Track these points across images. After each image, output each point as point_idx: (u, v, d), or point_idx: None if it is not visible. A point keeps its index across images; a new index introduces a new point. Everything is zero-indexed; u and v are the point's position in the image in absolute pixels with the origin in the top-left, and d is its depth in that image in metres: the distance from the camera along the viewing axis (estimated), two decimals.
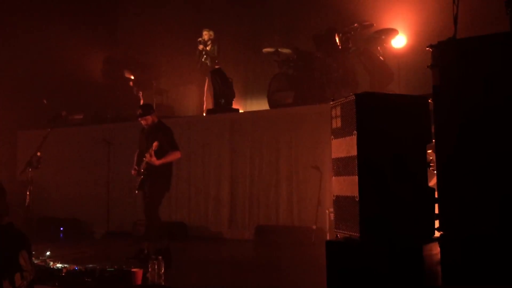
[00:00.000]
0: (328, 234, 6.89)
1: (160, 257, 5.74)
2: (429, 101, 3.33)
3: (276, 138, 8.15)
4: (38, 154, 6.49)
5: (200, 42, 10.19)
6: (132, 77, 10.53)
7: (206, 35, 10.23)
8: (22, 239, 3.11)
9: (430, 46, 3.04)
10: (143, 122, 6.35)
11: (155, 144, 6.04)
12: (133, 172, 6.36)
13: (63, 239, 8.81)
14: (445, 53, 2.99)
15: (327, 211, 7.01)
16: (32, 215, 6.75)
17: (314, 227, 7.28)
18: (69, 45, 10.50)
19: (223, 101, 9.02)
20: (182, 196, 8.87)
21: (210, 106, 9.62)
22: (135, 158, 6.45)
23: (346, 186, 3.37)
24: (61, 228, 9.10)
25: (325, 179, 7.28)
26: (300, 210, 7.80)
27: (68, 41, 10.45)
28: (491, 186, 2.93)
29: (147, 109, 6.43)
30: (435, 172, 3.22)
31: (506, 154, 2.85)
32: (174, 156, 6.24)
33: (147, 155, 6.08)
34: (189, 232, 8.56)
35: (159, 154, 6.08)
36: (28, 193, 6.42)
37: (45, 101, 10.19)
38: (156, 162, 6.04)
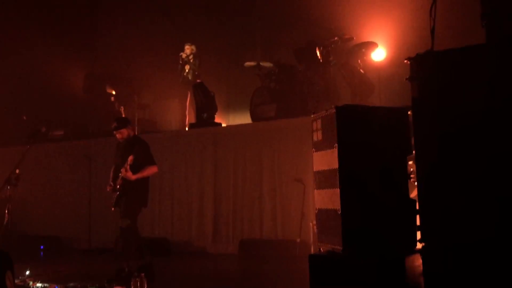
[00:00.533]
0: (312, 247, 6.87)
1: (142, 274, 5.66)
2: (409, 112, 3.36)
3: (259, 151, 8.15)
4: (17, 171, 6.38)
5: (181, 57, 10.19)
6: (114, 92, 10.47)
7: (188, 49, 10.24)
8: (6, 259, 2.91)
9: (408, 58, 3.08)
10: (118, 136, 6.16)
11: (130, 158, 5.85)
12: (108, 188, 6.16)
13: (44, 257, 8.64)
14: (423, 65, 3.02)
15: (311, 223, 6.99)
16: (11, 233, 6.61)
17: (298, 240, 7.26)
18: (49, 61, 10.43)
19: (205, 115, 9.01)
20: (165, 211, 8.80)
21: (193, 120, 9.61)
22: (111, 174, 6.27)
23: (328, 199, 3.37)
24: (41, 246, 8.93)
25: (309, 191, 7.28)
26: (284, 223, 7.79)
27: (48, 57, 10.38)
28: (471, 196, 2.95)
29: (122, 122, 6.26)
30: (415, 183, 3.24)
31: (485, 164, 2.88)
32: (150, 171, 6.06)
33: (123, 170, 5.88)
34: (173, 248, 8.46)
35: (135, 168, 5.90)
36: (6, 211, 6.30)
37: (24, 118, 10.07)
38: (132, 177, 5.86)
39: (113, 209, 6.12)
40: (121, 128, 6.14)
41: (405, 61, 3.08)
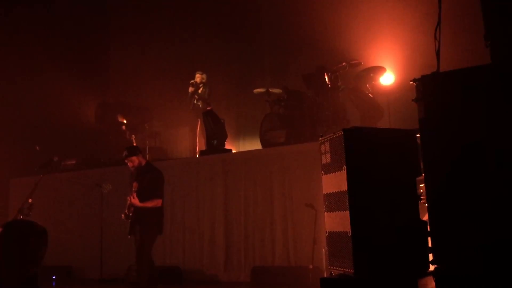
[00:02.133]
0: (325, 273, 6.78)
1: None
2: (418, 135, 3.35)
3: (270, 177, 8.13)
4: (30, 201, 6.44)
5: (192, 85, 10.27)
6: (125, 121, 10.59)
7: (198, 77, 10.33)
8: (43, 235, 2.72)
9: (414, 80, 3.10)
10: (129, 164, 6.30)
11: (134, 184, 6.01)
12: (122, 216, 6.26)
13: None
14: (428, 86, 3.03)
15: (323, 249, 6.92)
16: None
17: (311, 266, 7.18)
18: (61, 90, 10.61)
19: (215, 142, 9.05)
20: (177, 239, 8.77)
21: (203, 148, 9.66)
22: (127, 202, 6.37)
23: (338, 221, 3.35)
24: (54, 277, 8.91)
25: (320, 216, 7.22)
26: (296, 249, 7.71)
27: (60, 86, 10.56)
28: (482, 217, 2.92)
29: (132, 150, 6.41)
30: (426, 205, 3.21)
31: (493, 183, 2.86)
32: (154, 203, 6.11)
33: (130, 197, 6.02)
34: (185, 276, 8.40)
35: (143, 196, 6.03)
36: None
37: (37, 148, 10.18)
38: (138, 204, 5.97)
39: (129, 237, 6.19)
40: (131, 155, 6.29)
41: (411, 82, 3.10)
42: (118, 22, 13.34)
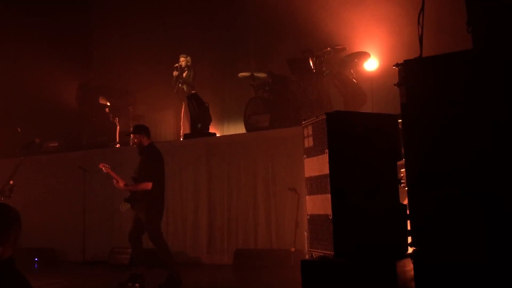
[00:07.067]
0: (307, 256, 6.85)
1: (137, 285, 5.67)
2: (399, 120, 3.39)
3: (253, 161, 8.16)
4: (11, 182, 6.38)
5: (176, 68, 10.20)
6: (108, 104, 10.47)
7: (183, 61, 10.25)
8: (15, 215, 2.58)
9: (396, 64, 3.12)
10: (135, 140, 6.41)
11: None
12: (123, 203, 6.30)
13: (38, 269, 8.59)
14: (411, 71, 3.06)
15: (305, 233, 6.97)
16: None
17: (292, 249, 7.25)
18: (43, 72, 10.46)
19: (199, 125, 9.03)
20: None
21: (187, 131, 9.62)
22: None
23: (320, 204, 3.39)
24: (36, 258, 8.88)
25: (303, 201, 7.27)
26: (279, 233, 7.78)
27: (42, 68, 10.40)
28: (461, 201, 2.97)
29: (135, 128, 6.49)
30: (406, 189, 3.26)
31: (473, 167, 2.91)
32: (142, 186, 6.12)
33: (113, 181, 6.12)
34: None
35: (138, 178, 6.12)
36: None
37: (19, 129, 10.06)
38: (122, 187, 6.11)
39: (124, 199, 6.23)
40: (133, 133, 6.41)
41: (394, 67, 3.13)
42: (101, 3, 13.14)
